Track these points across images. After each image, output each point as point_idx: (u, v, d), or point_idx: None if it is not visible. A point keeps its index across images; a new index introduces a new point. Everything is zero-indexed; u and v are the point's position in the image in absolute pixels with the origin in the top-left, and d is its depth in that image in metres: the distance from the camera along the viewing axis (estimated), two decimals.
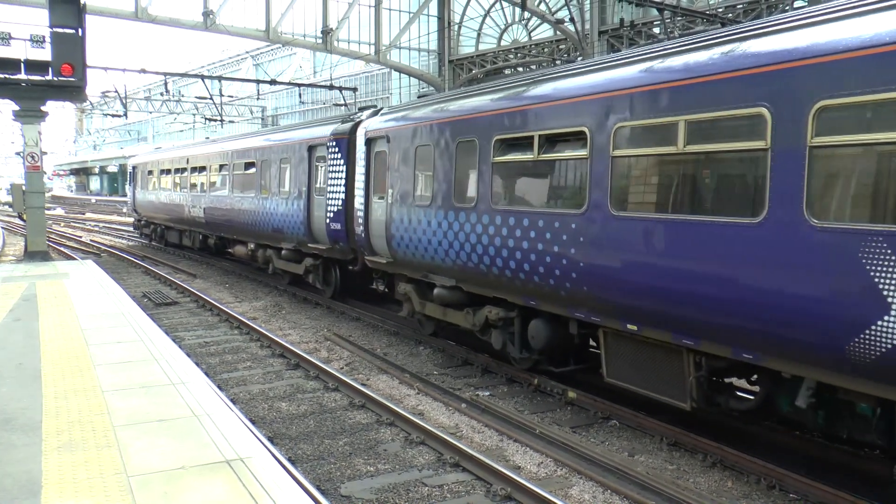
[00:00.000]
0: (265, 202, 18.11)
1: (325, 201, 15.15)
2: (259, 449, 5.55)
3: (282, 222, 17.15)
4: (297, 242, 16.69)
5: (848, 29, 5.69)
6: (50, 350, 8.60)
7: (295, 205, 16.48)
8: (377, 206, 12.84)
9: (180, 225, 26.28)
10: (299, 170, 16.40)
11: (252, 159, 19.26)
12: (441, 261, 10.78)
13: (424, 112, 11.63)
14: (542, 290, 8.82)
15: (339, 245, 14.76)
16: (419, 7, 38.53)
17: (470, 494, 6.62)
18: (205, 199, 22.70)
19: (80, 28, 17.56)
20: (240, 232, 20.17)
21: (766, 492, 6.71)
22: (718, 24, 22.21)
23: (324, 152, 15.33)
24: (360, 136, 13.65)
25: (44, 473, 4.96)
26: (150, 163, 29.93)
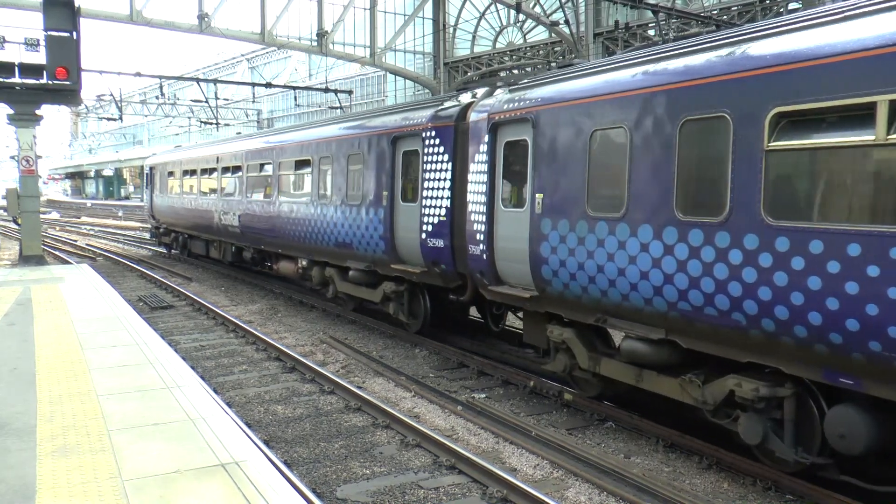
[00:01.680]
0: (325, 210, 14.53)
1: (417, 210, 11.69)
2: (255, 452, 5.54)
3: (350, 236, 13.57)
4: (371, 262, 13.12)
5: None
6: (45, 354, 8.57)
7: (371, 214, 12.90)
8: (511, 217, 9.57)
9: (208, 234, 22.55)
10: (378, 169, 12.78)
11: (306, 156, 15.60)
12: (639, 301, 7.54)
13: (611, 79, 8.11)
14: (877, 362, 5.64)
15: (439, 268, 11.31)
16: (414, 10, 38.55)
17: (466, 497, 6.61)
18: (240, 205, 19.12)
19: (75, 31, 17.56)
20: (287, 245, 16.62)
21: (762, 493, 6.72)
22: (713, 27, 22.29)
23: (415, 145, 11.85)
24: (476, 121, 10.31)
25: (38, 478, 4.94)
26: (171, 163, 26.30)
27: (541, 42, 33.89)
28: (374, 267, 13.10)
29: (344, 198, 13.88)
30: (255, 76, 64.47)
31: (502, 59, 35.86)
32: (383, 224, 12.56)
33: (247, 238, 19.13)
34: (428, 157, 11.48)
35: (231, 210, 19.79)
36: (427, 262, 11.55)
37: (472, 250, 10.31)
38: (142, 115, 66.76)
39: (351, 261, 13.76)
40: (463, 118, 10.88)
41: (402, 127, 12.23)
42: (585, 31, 29.83)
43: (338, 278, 14.71)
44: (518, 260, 9.40)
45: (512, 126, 9.62)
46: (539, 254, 8.89)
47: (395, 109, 13.11)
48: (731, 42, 6.92)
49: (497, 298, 10.13)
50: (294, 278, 18.04)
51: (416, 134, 11.76)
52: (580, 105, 8.40)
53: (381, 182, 12.71)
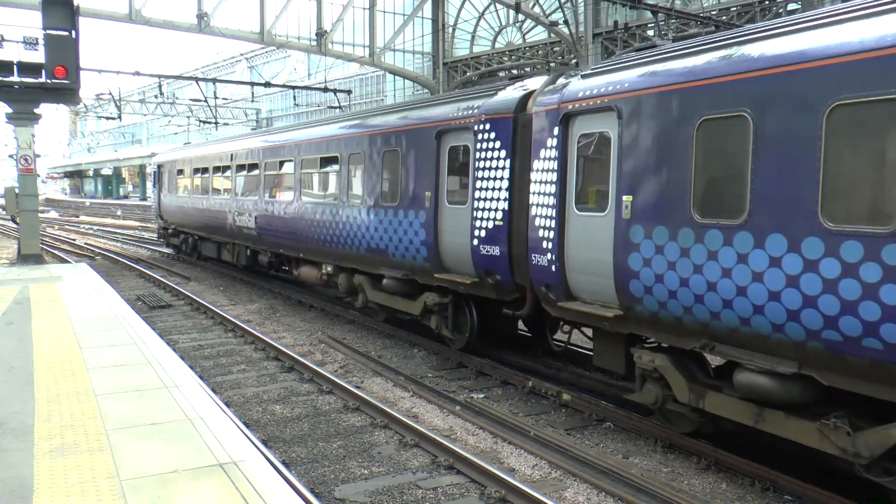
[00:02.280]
0: (355, 212, 13.16)
1: (468, 213, 10.43)
2: (253, 452, 5.53)
3: (385, 241, 12.26)
4: (410, 270, 11.79)
5: None
6: (42, 353, 8.56)
7: (410, 217, 11.56)
8: (588, 223, 8.28)
9: (220, 236, 21.26)
10: (419, 167, 11.46)
11: (333, 153, 14.21)
12: (765, 327, 6.32)
13: (727, 56, 6.82)
14: None
15: (493, 279, 10.06)
16: (413, 9, 38.55)
17: (464, 497, 6.61)
18: (257, 206, 17.79)
19: (74, 30, 17.54)
20: (310, 249, 15.27)
21: (760, 494, 6.72)
22: (712, 27, 22.31)
23: (465, 140, 10.58)
24: (541, 112, 9.04)
25: (35, 478, 4.93)
26: (181, 160, 24.92)
27: (540, 42, 33.90)
28: (412, 276, 11.76)
29: (378, 198, 12.52)
30: (255, 75, 64.48)
31: (501, 59, 35.86)
32: (425, 228, 11.24)
33: (264, 241, 17.80)
34: (481, 154, 10.15)
35: (247, 211, 18.45)
36: (479, 271, 10.25)
37: (537, 260, 8.99)
38: (141, 115, 66.74)
39: (385, 268, 12.45)
40: (523, 109, 9.63)
41: (448, 119, 10.87)
42: (584, 32, 29.83)
43: (368, 287, 13.33)
44: (597, 272, 8.12)
45: (590, 116, 8.32)
46: (626, 266, 7.57)
47: (440, 100, 11.68)
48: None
49: (567, 316, 8.91)
50: (317, 285, 16.93)
51: (467, 127, 10.45)
52: (684, 90, 7.10)
53: (422, 181, 11.36)
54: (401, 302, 12.45)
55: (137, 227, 42.90)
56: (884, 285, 5.36)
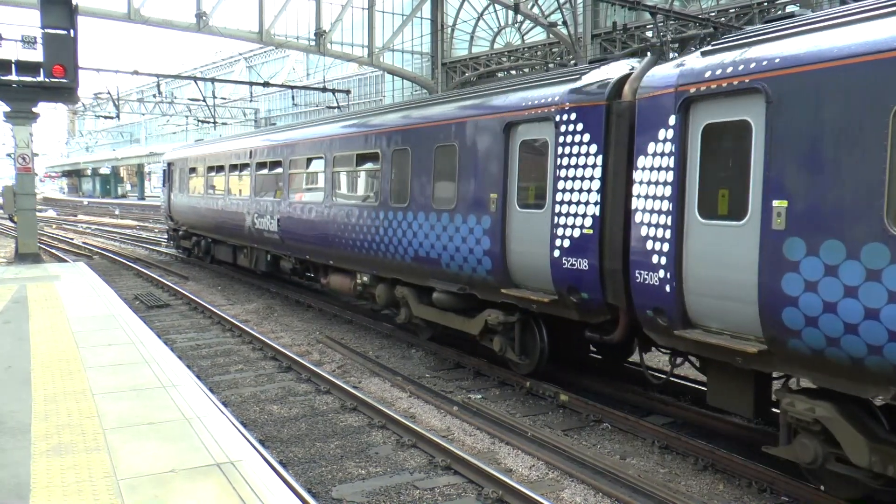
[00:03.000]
0: (400, 215, 11.65)
1: (546, 219, 8.94)
2: (250, 452, 5.53)
3: (437, 249, 10.75)
4: (468, 283, 10.37)
5: None
6: (40, 353, 8.55)
7: (470, 222, 10.10)
8: (717, 234, 6.79)
9: (237, 239, 19.68)
10: (482, 164, 9.99)
11: (372, 149, 12.64)
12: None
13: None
14: None
15: (577, 297, 8.59)
16: (412, 10, 38.56)
17: (461, 497, 6.61)
18: (280, 207, 16.25)
19: (72, 29, 17.52)
20: (343, 257, 13.75)
21: (757, 494, 6.73)
22: (710, 29, 22.34)
23: (543, 133, 9.07)
24: (649, 98, 7.57)
25: (32, 477, 4.93)
26: (194, 158, 23.47)
27: (538, 43, 33.91)
28: (471, 290, 10.35)
29: (429, 200, 11.00)
30: (253, 75, 64.48)
31: (500, 59, 35.88)
32: (489, 236, 9.74)
33: (287, 246, 16.23)
34: (564, 149, 8.65)
35: (268, 212, 16.95)
36: (559, 288, 8.76)
37: (641, 277, 7.51)
38: (139, 114, 66.64)
39: (436, 280, 10.98)
40: (617, 95, 8.19)
41: (521, 109, 9.38)
42: (583, 33, 29.85)
43: (414, 301, 11.83)
44: (730, 296, 6.65)
45: (721, 101, 6.80)
46: (778, 289, 6.09)
47: (508, 87, 10.02)
48: None
49: (682, 347, 7.31)
50: (348, 296, 15.58)
51: (545, 118, 8.94)
52: (877, 64, 5.48)
53: (486, 181, 9.88)
54: (455, 319, 10.94)
55: (135, 227, 42.85)
56: None
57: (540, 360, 9.83)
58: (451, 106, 10.93)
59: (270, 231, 16.88)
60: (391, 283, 12.56)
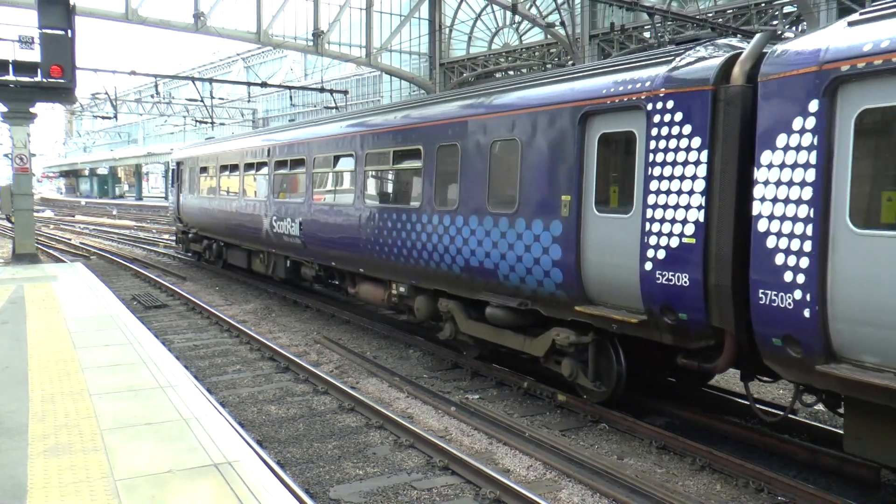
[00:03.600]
0: (447, 220, 10.43)
1: (634, 225, 7.72)
2: (248, 452, 5.53)
3: (493, 257, 9.53)
4: (531, 298, 9.15)
5: None
6: (37, 353, 8.54)
7: (537, 228, 8.83)
8: (881, 248, 5.60)
9: (252, 244, 18.47)
10: (552, 161, 8.69)
11: (413, 145, 11.39)
12: None
13: None
14: None
15: (673, 318, 7.37)
16: (410, 10, 38.58)
17: (459, 497, 6.61)
18: (303, 209, 15.10)
19: (70, 29, 17.51)
20: (375, 264, 12.52)
21: (754, 495, 6.74)
22: (708, 29, 22.37)
23: (631, 123, 7.82)
24: (777, 79, 6.45)
25: (29, 477, 4.93)
26: (205, 157, 22.28)
27: (536, 44, 33.94)
28: (534, 305, 9.13)
29: (483, 203, 9.78)
30: (251, 75, 64.49)
31: (498, 60, 35.90)
32: (561, 244, 8.50)
33: (310, 251, 15.03)
34: (658, 142, 7.47)
35: (289, 215, 15.73)
36: (651, 306, 7.53)
37: (768, 297, 6.36)
38: (137, 114, 66.62)
39: (490, 293, 9.79)
40: (725, 78, 7.00)
41: (601, 97, 8.13)
42: (581, 33, 29.89)
43: (461, 315, 10.66)
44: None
45: (885, 81, 5.58)
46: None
47: (582, 72, 8.75)
48: None
49: (825, 385, 6.11)
50: (380, 307, 14.19)
51: (632, 107, 7.74)
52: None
53: (556, 181, 8.62)
54: (512, 338, 9.80)
55: (133, 227, 42.81)
56: None
57: (617, 386, 8.55)
58: (511, 96, 9.63)
59: (291, 235, 15.68)
60: (433, 294, 11.34)
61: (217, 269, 22.84)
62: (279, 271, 17.33)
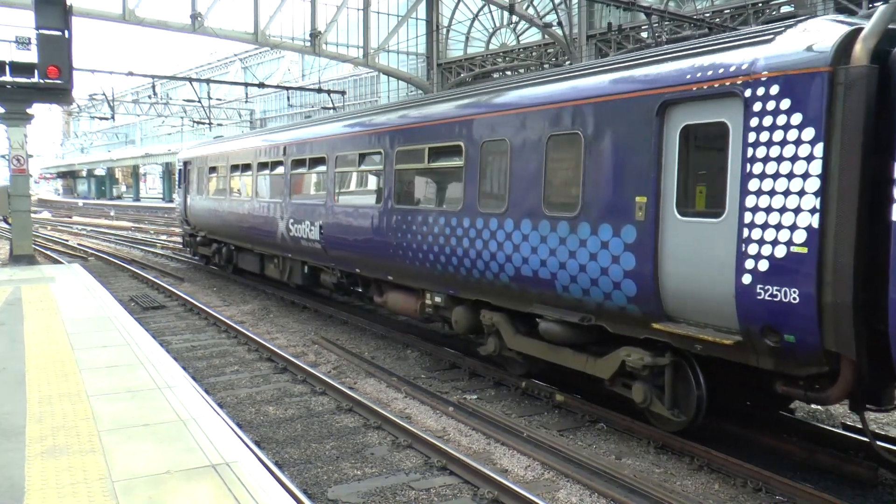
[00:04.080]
0: (494, 223, 9.42)
1: (728, 230, 6.68)
2: (245, 453, 5.53)
3: (551, 266, 8.47)
4: (595, 312, 8.16)
5: None
6: (35, 354, 8.53)
7: (604, 234, 7.81)
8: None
9: (266, 248, 17.47)
10: (623, 157, 7.70)
11: (453, 141, 10.35)
12: None
13: None
14: None
15: (776, 339, 6.41)
16: (408, 10, 38.60)
17: (457, 498, 6.61)
18: (324, 212, 14.01)
19: (67, 30, 17.48)
20: (407, 271, 11.51)
21: (752, 494, 6.74)
22: (705, 30, 22.41)
23: (722, 113, 6.81)
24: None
25: (27, 479, 4.92)
26: (215, 156, 21.20)
27: (534, 44, 33.96)
28: (598, 321, 8.12)
29: (537, 205, 8.72)
30: (248, 76, 64.47)
31: (495, 60, 35.91)
32: (635, 252, 7.46)
33: (332, 257, 13.98)
34: (759, 134, 6.44)
35: (307, 218, 14.65)
36: (750, 325, 6.50)
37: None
38: (134, 115, 66.62)
39: (544, 306, 8.78)
40: (843, 58, 5.99)
41: (683, 83, 7.12)
42: (578, 33, 29.91)
43: (508, 330, 9.64)
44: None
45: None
46: None
47: (661, 55, 7.69)
48: None
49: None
50: (411, 317, 12.86)
51: (726, 93, 6.71)
52: None
53: (629, 180, 7.59)
54: (571, 357, 8.76)
55: (131, 228, 42.78)
56: None
57: (697, 413, 7.49)
58: (571, 84, 8.59)
59: (310, 239, 14.54)
60: (473, 305, 10.35)
61: (215, 271, 22.81)
62: (296, 277, 16.33)
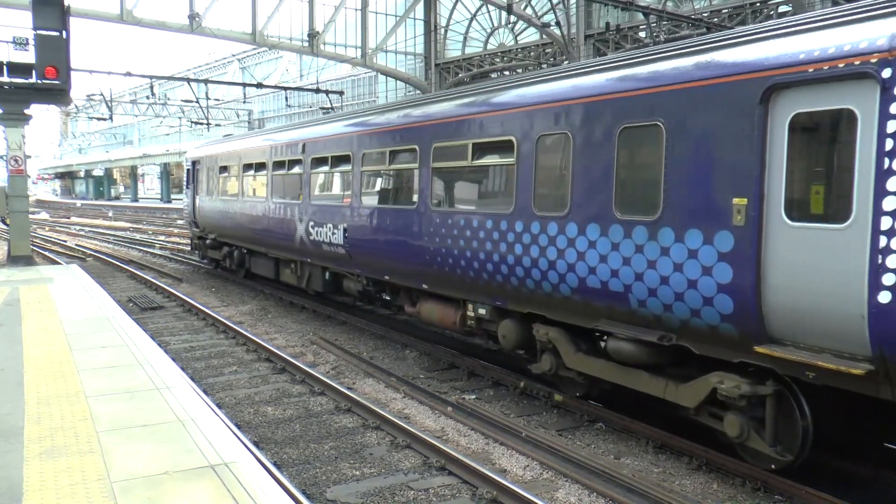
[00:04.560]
0: (554, 228, 8.38)
1: (857, 239, 5.62)
2: (244, 454, 5.52)
3: (625, 277, 7.49)
4: (677, 330, 7.13)
5: None
6: (33, 355, 8.52)
7: (692, 241, 6.82)
8: None
9: (282, 252, 16.41)
10: (716, 152, 6.66)
11: (504, 135, 9.28)
12: None
13: None
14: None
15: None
16: (405, 11, 38.57)
17: (456, 498, 6.61)
18: (349, 213, 12.92)
19: (65, 30, 17.48)
20: (445, 280, 10.44)
21: (751, 493, 6.75)
22: (703, 29, 22.42)
23: (852, 97, 5.73)
24: None
25: (25, 480, 4.91)
26: (226, 155, 20.10)
27: (532, 44, 33.95)
28: (681, 340, 7.12)
29: (607, 207, 7.68)
30: (246, 76, 64.48)
31: (493, 60, 35.91)
32: (732, 263, 6.43)
33: (357, 262, 12.91)
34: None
35: (330, 220, 13.59)
36: (886, 352, 5.46)
37: None
38: (132, 115, 66.58)
39: (613, 322, 7.79)
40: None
41: (796, 64, 6.03)
42: (576, 33, 29.91)
43: (567, 346, 8.60)
44: None
45: None
46: None
47: (761, 32, 6.63)
48: None
49: None
50: (450, 330, 11.84)
51: (853, 74, 5.61)
52: None
53: (723, 179, 6.56)
54: (646, 381, 7.74)
55: (129, 229, 42.74)
56: None
57: (802, 449, 6.47)
58: (649, 69, 7.49)
59: (333, 243, 13.48)
60: (524, 318, 9.31)
61: (213, 272, 22.78)
62: (315, 284, 15.20)
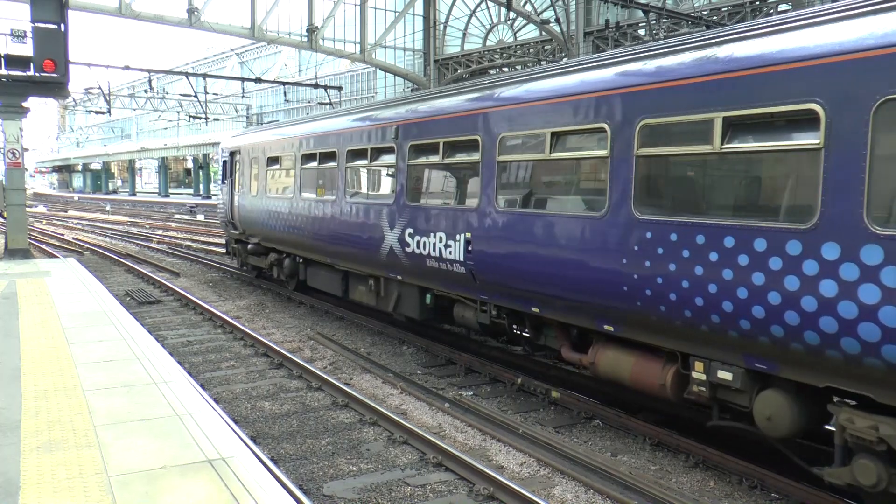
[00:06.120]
0: (764, 243, 5.71)
1: None
2: (241, 448, 5.52)
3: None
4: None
5: None
6: (30, 349, 8.51)
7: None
8: None
9: (357, 264, 12.93)
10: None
11: (804, 103, 5.45)
12: None
13: None
14: None
15: None
16: (405, 6, 38.50)
17: (452, 494, 6.62)
18: (472, 221, 9.49)
19: (63, 23, 17.45)
20: (661, 326, 6.85)
21: (747, 492, 6.76)
22: (703, 27, 22.41)
23: None
24: None
25: (22, 474, 4.91)
26: (277, 143, 16.52)
27: (531, 40, 33.92)
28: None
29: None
30: (245, 71, 64.32)
31: (492, 56, 35.87)
32: None
33: (485, 285, 9.45)
34: None
35: (440, 228, 10.13)
36: None
37: None
38: (130, 109, 66.41)
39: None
40: None
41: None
42: (576, 30, 29.88)
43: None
44: None
45: None
46: None
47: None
48: None
49: None
50: (651, 395, 7.56)
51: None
52: None
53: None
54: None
55: (126, 223, 42.67)
56: None
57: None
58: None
59: (445, 258, 10.02)
60: (809, 392, 5.99)
61: (212, 266, 22.73)
62: (407, 308, 11.78)
